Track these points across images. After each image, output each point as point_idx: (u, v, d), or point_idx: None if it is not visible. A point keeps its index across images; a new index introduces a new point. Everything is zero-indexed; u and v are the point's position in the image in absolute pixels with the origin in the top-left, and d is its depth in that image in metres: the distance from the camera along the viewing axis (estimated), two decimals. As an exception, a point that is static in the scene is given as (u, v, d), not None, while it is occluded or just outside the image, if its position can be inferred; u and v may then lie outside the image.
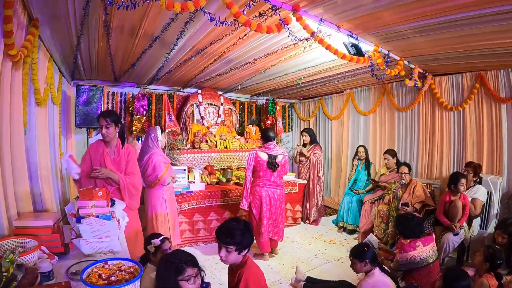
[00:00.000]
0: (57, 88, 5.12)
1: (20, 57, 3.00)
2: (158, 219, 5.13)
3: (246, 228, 2.88)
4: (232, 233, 2.80)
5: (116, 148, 4.06)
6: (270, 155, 5.45)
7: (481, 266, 3.60)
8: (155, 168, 5.07)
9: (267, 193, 5.49)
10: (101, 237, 2.93)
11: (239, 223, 2.91)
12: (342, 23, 4.03)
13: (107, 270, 2.23)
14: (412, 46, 4.81)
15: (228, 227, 2.87)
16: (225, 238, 2.82)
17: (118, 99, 7.64)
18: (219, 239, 2.86)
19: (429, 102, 6.98)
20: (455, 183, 5.09)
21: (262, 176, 5.48)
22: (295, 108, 10.75)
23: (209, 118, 8.28)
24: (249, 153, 5.49)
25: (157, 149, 5.18)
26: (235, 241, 2.79)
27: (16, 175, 3.21)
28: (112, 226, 3.03)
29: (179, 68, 6.07)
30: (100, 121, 3.88)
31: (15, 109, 3.21)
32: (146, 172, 5.06)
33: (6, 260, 1.96)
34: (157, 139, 5.17)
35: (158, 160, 5.12)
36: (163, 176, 5.11)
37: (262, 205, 5.45)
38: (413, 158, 7.30)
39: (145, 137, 5.35)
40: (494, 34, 4.16)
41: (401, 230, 4.44)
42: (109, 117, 3.90)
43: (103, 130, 3.88)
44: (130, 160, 4.13)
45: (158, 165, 5.09)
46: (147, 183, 5.15)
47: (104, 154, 3.95)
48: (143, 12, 3.55)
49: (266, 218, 5.47)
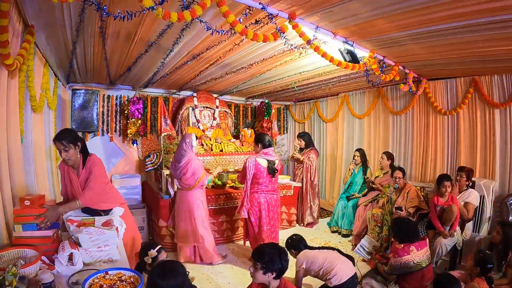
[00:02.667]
0: (52, 93, 5.11)
1: (16, 66, 3.00)
2: (197, 221, 5.45)
3: (279, 253, 3.01)
4: (263, 252, 3.00)
5: (79, 167, 3.72)
6: (269, 161, 5.42)
7: (472, 271, 3.65)
8: (194, 171, 5.38)
9: (266, 199, 5.48)
10: (100, 246, 2.95)
11: (274, 248, 3.08)
12: (338, 30, 4.05)
13: (108, 280, 2.25)
14: (407, 52, 4.84)
15: (263, 247, 3.12)
16: (256, 255, 3.04)
17: (113, 102, 7.63)
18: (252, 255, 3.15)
19: (424, 106, 7.01)
20: (438, 185, 5.20)
21: (261, 183, 5.43)
22: (290, 110, 10.75)
23: (204, 121, 8.27)
24: (248, 161, 5.39)
25: (192, 153, 5.46)
26: (263, 260, 2.95)
27: (13, 183, 3.22)
28: (110, 235, 3.04)
29: (174, 72, 6.07)
30: (57, 146, 3.52)
31: (12, 117, 3.22)
32: (185, 175, 5.38)
33: (9, 273, 1.97)
34: (192, 145, 5.43)
35: (197, 163, 5.45)
36: (202, 178, 5.43)
37: (261, 212, 5.43)
38: (407, 161, 7.33)
39: (180, 142, 5.58)
40: (488, 42, 4.20)
41: (396, 234, 4.49)
42: (65, 139, 3.50)
43: (63, 155, 3.52)
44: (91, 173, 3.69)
45: (197, 168, 5.41)
46: (184, 186, 5.50)
47: (70, 175, 3.70)
48: (139, 19, 3.54)
49: (266, 224, 5.47)
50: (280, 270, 2.96)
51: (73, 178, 3.67)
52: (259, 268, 2.94)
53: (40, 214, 2.89)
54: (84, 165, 3.70)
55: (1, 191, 2.90)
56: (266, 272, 2.92)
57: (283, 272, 3.01)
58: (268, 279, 2.96)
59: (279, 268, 2.94)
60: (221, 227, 6.59)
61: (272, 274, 2.94)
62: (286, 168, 10.04)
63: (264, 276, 2.94)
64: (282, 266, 2.97)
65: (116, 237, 3.09)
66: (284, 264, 2.99)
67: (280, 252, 3.02)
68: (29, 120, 3.89)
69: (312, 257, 4.13)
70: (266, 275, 2.93)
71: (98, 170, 3.74)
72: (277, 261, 2.93)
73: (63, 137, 3.51)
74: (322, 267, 4.03)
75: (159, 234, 6.12)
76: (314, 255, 4.18)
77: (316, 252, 4.27)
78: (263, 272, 2.92)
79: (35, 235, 2.86)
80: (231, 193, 6.72)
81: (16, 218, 2.84)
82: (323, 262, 4.05)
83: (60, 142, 3.47)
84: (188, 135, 5.54)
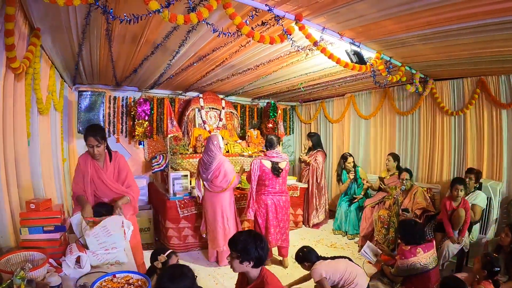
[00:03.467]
0: (58, 95, 5.13)
1: (22, 69, 3.01)
2: (230, 220, 5.54)
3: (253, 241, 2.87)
4: (236, 241, 2.88)
5: (105, 161, 3.91)
6: (273, 162, 5.43)
7: (479, 274, 3.62)
8: (226, 174, 5.39)
9: (273, 201, 5.48)
10: (108, 248, 2.95)
11: (248, 235, 2.94)
12: (344, 31, 4.03)
13: (116, 284, 2.25)
14: (414, 53, 4.83)
15: (237, 235, 2.99)
16: (230, 243, 2.93)
17: (119, 104, 7.63)
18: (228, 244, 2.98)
19: (430, 107, 6.97)
20: (451, 188, 5.13)
21: (267, 185, 5.45)
22: (296, 111, 10.72)
23: (210, 122, 8.26)
24: (253, 162, 5.43)
25: (221, 154, 5.50)
26: (236, 249, 2.84)
27: (21, 186, 3.23)
28: (118, 237, 3.04)
29: (181, 73, 6.07)
30: (90, 141, 3.64)
31: (18, 120, 3.23)
32: (217, 178, 5.39)
33: (17, 277, 1.97)
34: (220, 146, 5.46)
35: (229, 165, 5.48)
36: (234, 180, 5.46)
37: (268, 214, 5.43)
38: (413, 163, 7.29)
39: (207, 144, 5.59)
40: (496, 42, 4.17)
41: (403, 236, 4.47)
42: (99, 134, 3.68)
43: (95, 150, 3.67)
44: (125, 170, 4.03)
45: (230, 170, 5.44)
46: (216, 189, 5.49)
47: (96, 169, 3.81)
48: (145, 21, 3.53)
49: (273, 227, 5.46)
50: (257, 258, 2.83)
51: (100, 172, 3.80)
52: (235, 257, 2.83)
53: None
54: (111, 159, 3.91)
55: (9, 194, 2.91)
56: (242, 261, 2.81)
57: (262, 261, 2.89)
58: (246, 268, 2.84)
59: (255, 256, 2.81)
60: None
61: (250, 263, 2.82)
62: (292, 169, 10.01)
63: (241, 265, 2.83)
64: (259, 255, 2.83)
65: (123, 239, 3.09)
66: (261, 253, 2.84)
67: (255, 239, 2.87)
68: (36, 123, 3.90)
69: (332, 268, 4.02)
70: (243, 264, 2.82)
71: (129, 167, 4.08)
72: (252, 250, 2.80)
73: (98, 133, 3.69)
74: (343, 277, 3.96)
75: (165, 235, 6.12)
76: (333, 265, 4.07)
77: (334, 262, 4.18)
78: (240, 262, 2.81)
79: (42, 237, 2.87)
80: (238, 194, 6.69)
81: (23, 221, 2.86)
82: (344, 272, 3.98)
83: (95, 138, 3.65)
84: (214, 136, 5.58)
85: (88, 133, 3.68)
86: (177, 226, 6.13)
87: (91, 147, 3.67)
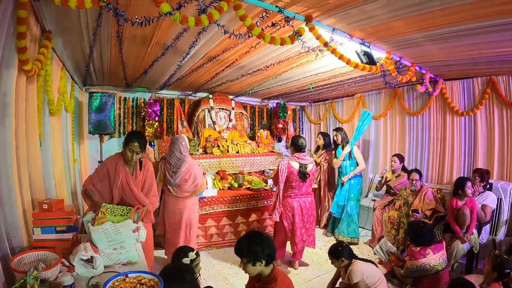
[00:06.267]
0: (69, 96, 5.17)
1: (34, 71, 3.03)
2: (192, 228, 5.27)
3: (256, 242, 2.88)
4: (240, 248, 2.90)
5: (136, 167, 3.91)
6: (301, 164, 5.31)
7: (489, 275, 3.59)
8: (195, 178, 5.13)
9: (299, 203, 5.39)
10: (116, 247, 2.96)
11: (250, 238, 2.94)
12: (354, 32, 4.04)
13: (128, 284, 2.26)
14: (424, 53, 4.81)
15: (238, 242, 2.97)
16: (236, 252, 2.94)
17: (129, 104, 7.70)
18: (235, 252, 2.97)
19: (440, 107, 6.94)
20: (462, 187, 5.05)
21: (294, 187, 5.32)
22: (306, 111, 10.72)
23: (220, 122, 8.29)
24: (281, 163, 5.31)
25: (190, 158, 5.24)
26: (243, 255, 2.86)
27: (33, 187, 3.26)
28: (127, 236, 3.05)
29: (190, 74, 6.10)
30: (133, 147, 3.66)
31: (30, 121, 3.26)
32: (186, 183, 5.09)
33: (30, 277, 1.99)
34: (187, 147, 5.19)
35: (198, 169, 5.23)
36: (203, 186, 5.25)
37: (294, 216, 5.32)
38: (423, 163, 7.27)
39: (173, 144, 5.17)
40: (506, 42, 4.15)
41: (412, 237, 4.44)
42: (142, 142, 3.73)
43: (134, 156, 3.70)
44: (151, 178, 4.03)
45: (199, 174, 5.20)
46: (182, 193, 5.13)
47: (125, 174, 3.78)
48: (156, 23, 3.53)
49: (299, 229, 5.37)
50: (267, 256, 2.85)
51: (128, 178, 3.79)
52: (246, 263, 2.86)
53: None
54: (141, 166, 3.91)
55: (21, 195, 2.94)
56: (255, 263, 2.83)
57: (273, 257, 2.91)
58: (260, 268, 2.87)
59: (265, 255, 2.84)
60: (237, 229, 6.60)
61: (262, 263, 2.84)
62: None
63: (255, 267, 2.85)
64: (268, 252, 2.85)
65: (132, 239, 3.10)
66: (268, 250, 2.86)
67: (257, 240, 2.88)
68: (47, 124, 3.94)
69: (371, 271, 3.92)
70: (256, 265, 2.84)
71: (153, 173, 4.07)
72: (259, 250, 2.82)
73: (143, 142, 3.74)
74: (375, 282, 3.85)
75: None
76: (371, 269, 3.98)
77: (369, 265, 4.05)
78: (252, 264, 2.84)
79: (54, 237, 2.90)
80: (247, 195, 6.73)
81: (35, 221, 2.89)
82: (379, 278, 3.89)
83: (140, 144, 3.68)
84: (180, 137, 5.25)
85: (132, 137, 3.72)
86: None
87: (131, 152, 3.69)
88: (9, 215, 2.68)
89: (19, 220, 2.80)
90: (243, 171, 7.69)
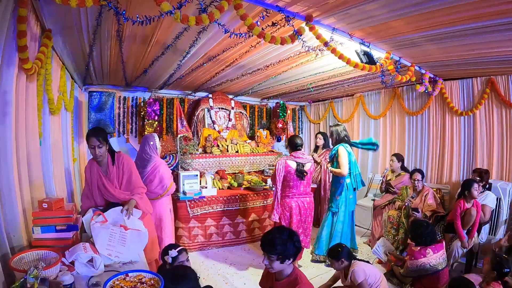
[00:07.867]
0: (69, 95, 5.15)
1: (34, 70, 3.02)
2: (164, 230, 5.14)
3: (289, 238, 2.87)
4: (274, 243, 2.81)
5: (108, 164, 3.82)
6: (298, 163, 5.26)
7: (489, 275, 3.60)
8: (162, 179, 5.02)
9: (297, 203, 5.33)
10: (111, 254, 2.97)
11: (282, 234, 2.89)
12: (354, 31, 4.04)
13: (129, 282, 2.26)
14: (424, 53, 4.82)
15: (271, 238, 2.88)
16: (267, 248, 2.85)
17: (129, 104, 7.70)
18: (262, 248, 2.91)
19: (440, 107, 6.96)
20: (469, 188, 5.01)
21: (292, 186, 5.28)
22: (305, 111, 10.73)
23: (220, 122, 8.28)
24: (278, 163, 5.25)
25: (157, 156, 5.11)
26: (276, 252, 2.80)
27: (32, 186, 3.26)
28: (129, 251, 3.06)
29: (190, 73, 6.09)
30: (92, 142, 3.57)
31: (30, 120, 3.25)
32: (152, 183, 4.95)
33: (30, 276, 1.99)
34: (156, 147, 5.08)
35: (165, 169, 5.10)
36: (170, 187, 5.13)
37: (292, 217, 5.27)
38: (423, 163, 7.28)
39: (142, 144, 5.17)
40: (506, 42, 4.16)
41: (414, 237, 4.45)
42: (101, 135, 3.62)
43: (96, 151, 3.60)
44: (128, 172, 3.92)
45: (166, 175, 5.08)
46: (152, 195, 4.96)
47: (99, 175, 3.73)
48: (156, 22, 3.51)
49: (297, 229, 5.29)
50: (295, 254, 2.86)
51: (103, 178, 3.71)
52: (274, 260, 2.81)
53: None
54: (114, 162, 3.81)
55: (21, 194, 2.94)
56: (283, 261, 2.81)
57: (298, 254, 2.92)
58: (285, 265, 2.85)
59: (293, 252, 2.84)
60: (237, 228, 6.62)
61: (289, 260, 2.84)
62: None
63: (282, 264, 2.82)
64: (297, 249, 2.86)
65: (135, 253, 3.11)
66: (298, 247, 2.88)
67: (289, 236, 2.87)
68: (47, 123, 3.93)
69: (369, 272, 3.87)
70: (284, 263, 2.82)
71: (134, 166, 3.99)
72: (291, 247, 2.82)
73: (99, 133, 3.62)
74: (375, 282, 3.85)
75: (175, 234, 6.09)
76: (372, 268, 3.97)
77: (369, 265, 4.05)
78: (280, 262, 2.81)
79: (54, 237, 2.90)
80: (247, 195, 6.74)
81: (35, 220, 2.89)
82: (379, 277, 3.88)
83: (97, 139, 3.57)
84: (150, 136, 5.16)
85: (88, 133, 3.66)
86: (187, 226, 6.16)
87: (92, 148, 3.60)
88: (9, 214, 2.68)
89: (19, 219, 2.79)
90: (242, 171, 7.70)
